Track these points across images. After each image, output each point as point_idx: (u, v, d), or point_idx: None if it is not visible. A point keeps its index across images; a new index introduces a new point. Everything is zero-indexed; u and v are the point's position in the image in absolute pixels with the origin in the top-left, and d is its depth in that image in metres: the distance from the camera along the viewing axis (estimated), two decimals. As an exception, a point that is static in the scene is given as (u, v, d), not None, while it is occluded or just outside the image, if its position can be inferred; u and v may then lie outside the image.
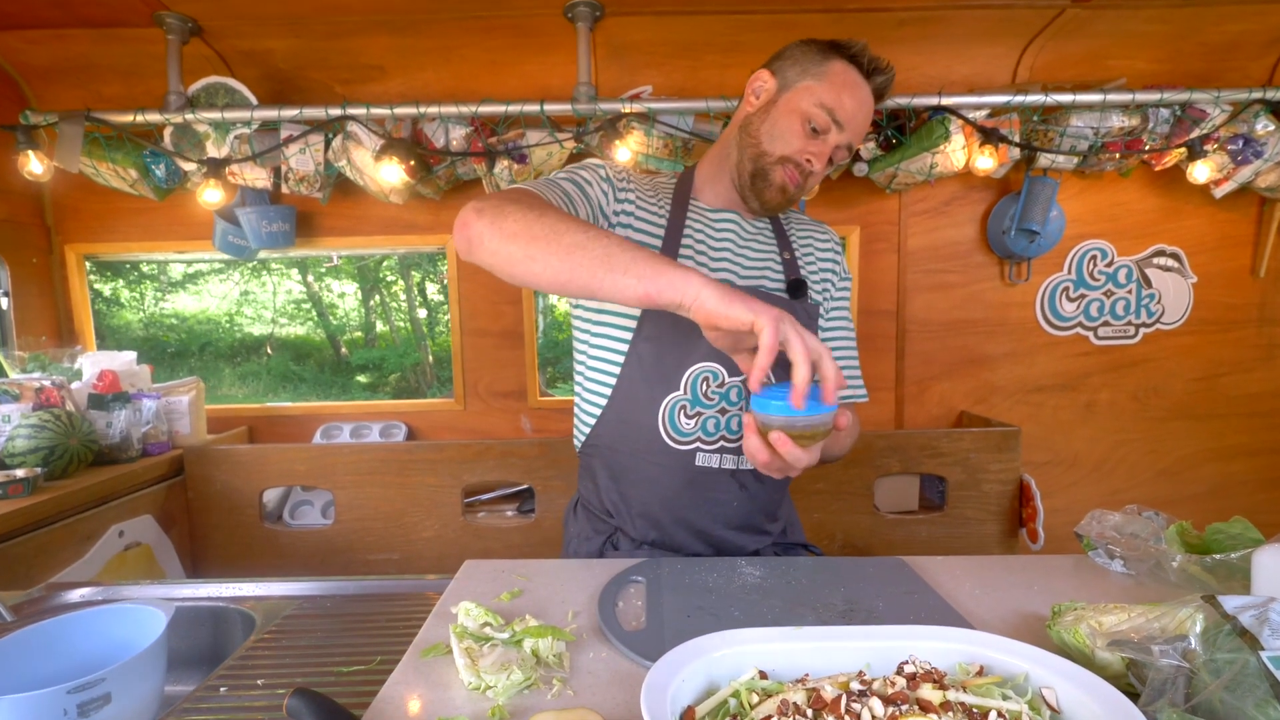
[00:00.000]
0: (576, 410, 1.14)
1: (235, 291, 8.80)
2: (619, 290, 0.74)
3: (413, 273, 8.81)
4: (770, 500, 1.09)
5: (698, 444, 1.01)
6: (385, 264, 8.71)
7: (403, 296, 9.18)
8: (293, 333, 9.11)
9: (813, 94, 1.00)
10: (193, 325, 8.68)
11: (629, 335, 1.02)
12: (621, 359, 1.02)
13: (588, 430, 1.10)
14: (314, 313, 9.08)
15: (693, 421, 1.01)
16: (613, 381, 1.04)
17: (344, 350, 9.09)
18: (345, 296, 9.31)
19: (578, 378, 1.13)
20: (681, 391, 1.00)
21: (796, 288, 1.06)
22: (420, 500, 1.96)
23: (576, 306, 1.11)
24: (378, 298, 9.17)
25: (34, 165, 1.78)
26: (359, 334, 9.22)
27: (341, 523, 1.96)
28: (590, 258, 0.74)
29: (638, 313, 1.01)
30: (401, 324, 9.25)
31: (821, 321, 1.13)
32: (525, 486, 2.11)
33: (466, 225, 0.81)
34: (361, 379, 8.75)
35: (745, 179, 1.05)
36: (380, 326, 9.22)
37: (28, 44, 1.87)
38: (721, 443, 1.02)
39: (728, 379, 1.00)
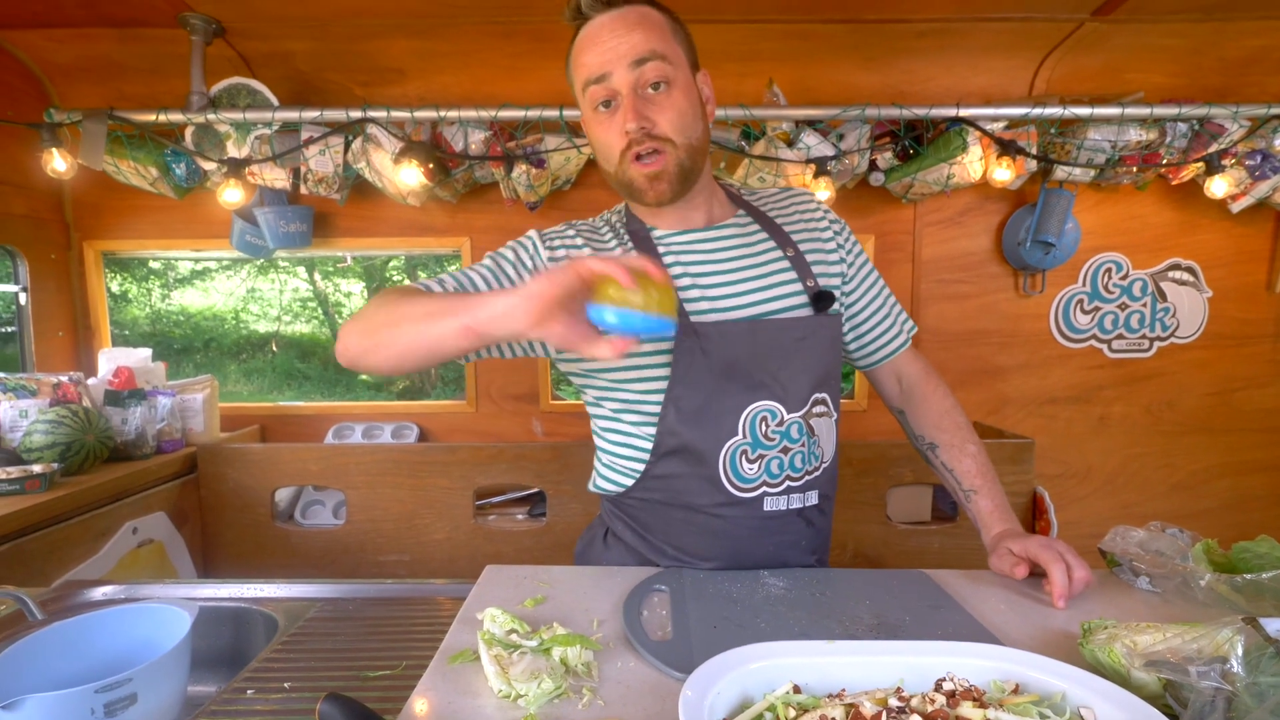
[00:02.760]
0: (601, 462, 1.04)
1: (242, 288, 8.83)
2: (443, 338, 0.73)
3: (419, 272, 8.82)
4: (828, 528, 1.05)
5: (763, 488, 0.95)
6: (391, 263, 8.73)
7: (409, 296, 9.19)
8: (298, 330, 9.12)
9: (580, 89, 0.94)
10: (199, 321, 8.71)
11: (662, 384, 0.93)
12: (657, 409, 0.94)
13: (625, 485, 1.00)
14: (319, 311, 9.10)
15: (755, 465, 0.94)
16: (651, 433, 0.95)
17: (349, 349, 9.11)
18: (351, 295, 9.32)
19: (598, 431, 1.03)
20: (740, 435, 0.92)
21: (822, 300, 0.96)
22: (432, 502, 1.96)
23: (581, 375, 1.01)
24: (384, 297, 9.18)
25: (58, 163, 1.79)
26: (365, 333, 9.23)
27: (353, 523, 1.97)
28: (416, 319, 0.74)
29: (668, 360, 0.92)
30: (407, 323, 9.26)
31: (851, 310, 1.05)
32: (536, 490, 2.11)
33: (339, 339, 0.84)
34: (365, 378, 8.77)
35: (635, 199, 0.96)
36: (386, 326, 9.23)
37: (52, 42, 1.89)
38: (787, 483, 0.95)
39: (787, 416, 0.93)
